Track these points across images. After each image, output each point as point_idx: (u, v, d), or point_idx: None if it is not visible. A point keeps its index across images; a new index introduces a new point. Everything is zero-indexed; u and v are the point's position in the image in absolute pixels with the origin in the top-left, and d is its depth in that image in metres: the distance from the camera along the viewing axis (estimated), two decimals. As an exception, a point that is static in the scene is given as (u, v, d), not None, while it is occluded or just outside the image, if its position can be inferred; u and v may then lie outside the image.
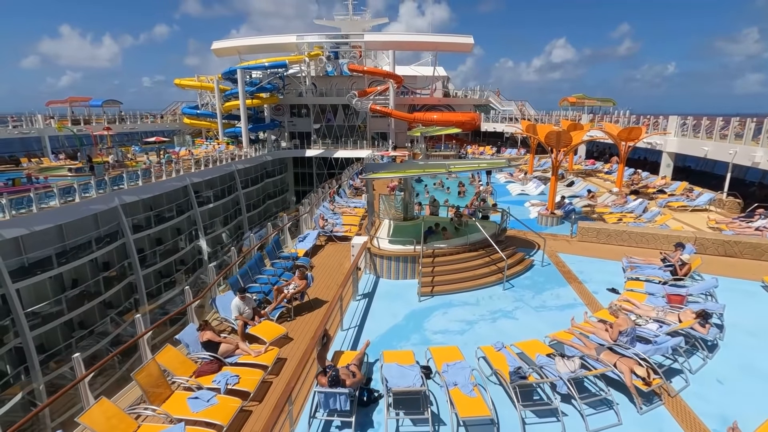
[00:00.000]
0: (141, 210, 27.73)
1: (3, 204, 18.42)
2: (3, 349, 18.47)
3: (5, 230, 18.48)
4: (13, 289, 18.62)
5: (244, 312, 8.96)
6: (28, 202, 19.73)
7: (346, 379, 6.06)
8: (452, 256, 11.50)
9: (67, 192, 21.97)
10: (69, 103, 42.76)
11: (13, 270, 19.24)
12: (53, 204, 20.90)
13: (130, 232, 25.44)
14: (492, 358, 7.31)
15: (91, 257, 23.16)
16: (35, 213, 19.73)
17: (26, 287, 19.58)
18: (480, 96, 51.20)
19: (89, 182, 23.02)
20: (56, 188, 21.09)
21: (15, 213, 19.04)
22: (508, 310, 9.78)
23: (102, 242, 24.17)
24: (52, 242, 21.40)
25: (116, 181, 25.29)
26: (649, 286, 10.20)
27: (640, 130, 20.18)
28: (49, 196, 20.97)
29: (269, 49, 47.90)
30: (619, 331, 7.61)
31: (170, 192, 30.08)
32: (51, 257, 20.87)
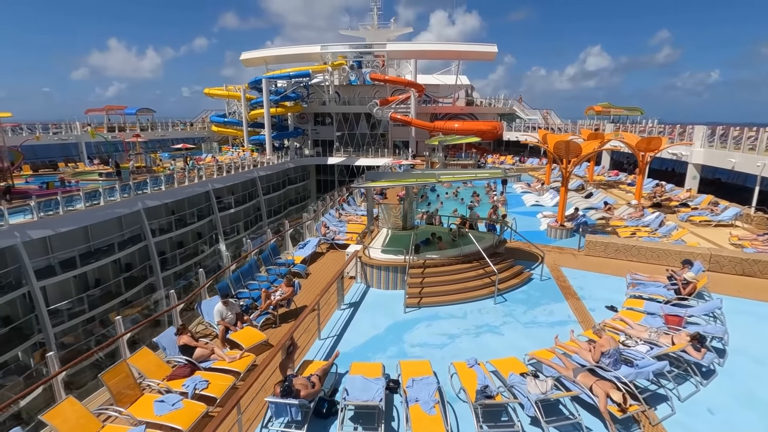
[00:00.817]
0: (163, 214, 28.71)
1: (32, 206, 19.43)
2: (27, 344, 19.40)
3: (33, 231, 19.45)
4: (38, 287, 19.53)
5: (226, 317, 9.06)
6: (56, 205, 20.74)
7: (302, 390, 5.99)
8: (444, 268, 11.27)
9: (93, 196, 22.99)
10: (106, 111, 45.08)
11: (41, 269, 20.24)
12: (79, 207, 21.86)
13: (150, 235, 26.32)
14: (462, 374, 7.06)
15: (113, 258, 24.10)
16: (61, 215, 20.67)
17: (51, 285, 20.53)
18: (504, 104, 50.48)
19: (114, 187, 24.11)
20: (82, 192, 22.09)
21: (43, 215, 20.02)
22: (495, 325, 9.46)
23: (125, 244, 25.13)
24: (78, 243, 22.42)
25: (140, 186, 26.32)
26: (648, 305, 9.64)
27: (659, 140, 19.27)
28: (76, 200, 21.97)
29: (294, 59, 49.03)
30: (601, 352, 7.21)
31: (192, 197, 31.04)
32: (75, 258, 21.85)
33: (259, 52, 49.59)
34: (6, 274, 18.95)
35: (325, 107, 50.04)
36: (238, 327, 9.12)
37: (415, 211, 14.40)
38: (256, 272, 12.06)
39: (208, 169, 33.08)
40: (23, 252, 18.81)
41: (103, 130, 42.89)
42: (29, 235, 19.25)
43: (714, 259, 12.57)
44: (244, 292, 10.70)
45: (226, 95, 47.62)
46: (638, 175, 19.99)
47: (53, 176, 29.30)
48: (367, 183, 11.62)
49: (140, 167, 33.86)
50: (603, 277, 12.35)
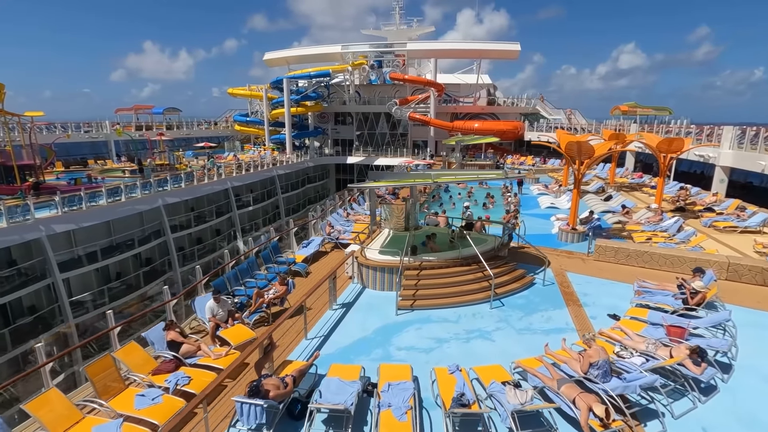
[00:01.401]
0: (183, 211, 29.44)
1: (56, 201, 20.26)
2: (48, 334, 20.26)
3: (57, 225, 20.28)
4: (60, 278, 20.34)
5: (217, 314, 9.17)
6: (79, 201, 21.56)
7: (271, 391, 5.96)
8: (440, 270, 11.07)
9: (115, 192, 23.80)
10: (134, 111, 46.70)
11: (64, 261, 21.08)
12: (102, 203, 22.64)
13: (169, 231, 27.03)
14: (441, 381, 6.88)
15: (134, 252, 24.89)
16: (84, 210, 21.46)
17: (74, 278, 21.35)
18: (527, 104, 49.41)
19: (135, 184, 24.91)
20: (104, 189, 22.90)
21: (67, 210, 20.83)
22: (488, 330, 9.20)
23: (145, 239, 25.92)
24: (101, 237, 23.26)
25: (161, 183, 27.08)
26: (652, 315, 9.16)
27: (681, 141, 18.35)
28: (99, 196, 22.78)
29: (316, 59, 49.44)
30: (589, 363, 6.89)
31: (212, 194, 31.74)
32: (97, 251, 22.67)
33: (282, 52, 50.26)
34: (31, 265, 19.84)
35: (346, 107, 50.28)
36: (229, 324, 9.20)
37: (418, 212, 14.19)
38: (255, 270, 12.16)
39: (227, 167, 33.75)
40: (47, 245, 19.62)
41: (131, 128, 44.49)
42: (53, 229, 20.04)
43: (732, 268, 11.87)
44: (240, 289, 10.82)
45: (249, 95, 48.49)
46: (659, 177, 19.11)
47: (81, 173, 30.60)
48: (362, 184, 11.51)
49: (163, 165, 34.92)
50: (610, 283, 11.86)
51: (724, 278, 11.99)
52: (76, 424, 6.32)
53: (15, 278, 19.66)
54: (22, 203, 19.49)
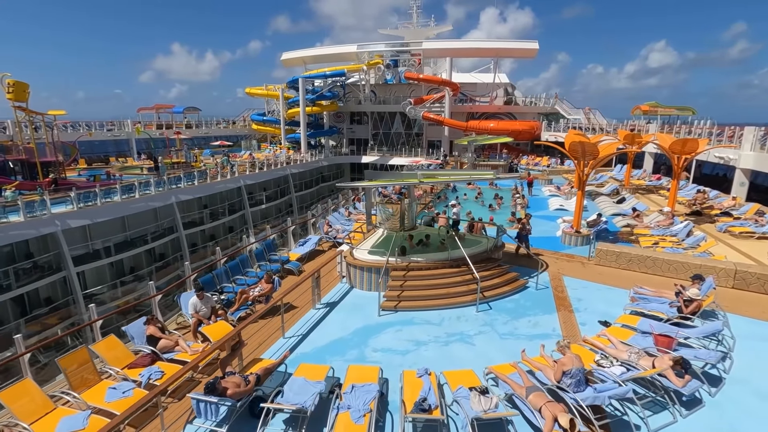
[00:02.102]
0: (195, 208, 30.04)
1: (72, 197, 20.96)
2: (61, 325, 20.98)
3: (72, 220, 20.97)
4: (74, 272, 21.02)
5: (200, 310, 9.27)
6: (94, 197, 22.24)
7: (230, 389, 5.96)
8: (428, 271, 10.90)
9: (129, 189, 24.45)
10: (156, 110, 47.98)
11: (81, 255, 21.78)
12: (116, 199, 23.28)
13: (182, 227, 27.62)
14: (408, 384, 6.75)
15: (147, 248, 25.54)
16: (99, 206, 22.11)
17: (89, 271, 22.04)
18: (546, 103, 48.37)
19: (149, 181, 25.56)
20: (119, 185, 23.55)
21: (82, 205, 21.51)
22: (470, 334, 9.00)
23: (158, 235, 26.56)
24: (115, 232, 23.95)
25: (174, 181, 27.70)
26: (642, 323, 8.77)
27: (695, 142, 17.53)
28: (113, 192, 23.44)
29: (332, 58, 49.69)
30: (562, 371, 6.63)
31: (225, 192, 32.31)
32: (111, 246, 23.34)
33: (298, 52, 50.73)
34: (47, 258, 20.59)
35: (361, 106, 50.38)
36: (212, 321, 9.29)
37: (415, 211, 14.04)
38: (247, 268, 12.27)
39: (240, 166, 34.28)
40: (62, 239, 20.28)
41: (152, 127, 45.73)
42: (68, 224, 20.72)
43: (740, 276, 11.28)
44: (228, 286, 10.92)
45: (265, 94, 49.14)
46: (673, 179, 18.35)
47: (100, 170, 31.62)
48: (351, 183, 11.44)
49: (179, 163, 35.72)
50: (608, 289, 11.43)
51: (730, 286, 11.43)
52: (46, 415, 6.48)
53: (32, 270, 20.41)
54: (39, 199, 20.21)
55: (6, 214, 18.79)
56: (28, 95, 25.68)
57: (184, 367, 6.96)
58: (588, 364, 7.30)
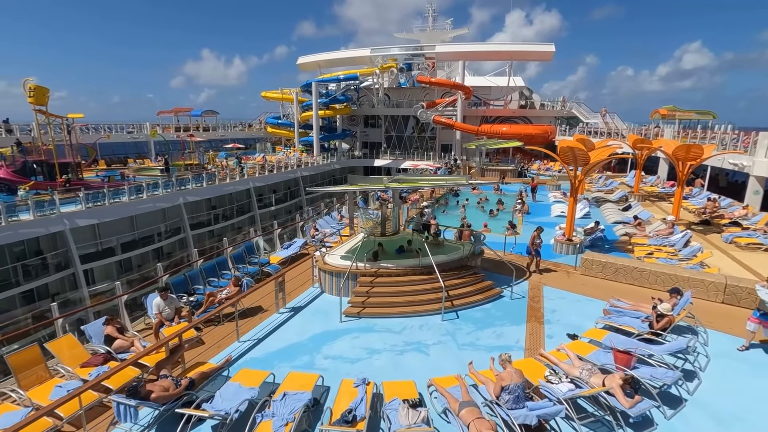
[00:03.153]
0: (204, 209, 30.69)
1: (80, 197, 21.73)
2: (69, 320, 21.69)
3: (80, 219, 21.73)
4: (81, 269, 21.75)
5: (163, 311, 9.40)
6: (102, 197, 22.98)
7: (155, 392, 5.98)
8: (398, 278, 10.74)
9: (138, 190, 25.17)
10: (175, 113, 49.36)
11: (90, 253, 22.54)
12: (124, 199, 23.99)
13: (189, 228, 28.25)
14: (342, 394, 6.63)
15: (154, 247, 26.22)
16: (107, 206, 22.84)
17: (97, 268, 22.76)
18: (563, 107, 47.19)
19: (157, 182, 26.28)
20: (127, 186, 24.28)
21: (91, 205, 22.27)
22: (428, 343, 8.79)
23: (166, 235, 27.25)
24: (124, 231, 24.70)
25: (182, 182, 28.38)
26: (608, 338, 8.36)
27: (700, 148, 16.67)
28: (122, 193, 24.17)
29: (346, 62, 50.01)
30: (501, 386, 6.38)
31: (234, 194, 32.91)
32: (118, 245, 24.06)
33: (313, 56, 51.28)
34: (55, 256, 21.37)
35: (375, 110, 50.49)
36: (175, 322, 9.41)
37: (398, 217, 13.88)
38: (224, 270, 12.38)
39: (250, 168, 34.83)
40: (70, 238, 21.02)
41: (171, 130, 47.08)
42: (76, 222, 21.47)
43: (730, 290, 10.65)
44: (200, 288, 11.03)
45: (280, 98, 49.86)
46: (677, 187, 17.53)
47: (115, 171, 32.69)
48: (319, 188, 11.40)
49: (192, 165, 36.59)
50: (588, 301, 10.98)
51: (720, 301, 10.81)
52: (-11, 411, 6.67)
53: (41, 267, 21.20)
54: (48, 198, 21.01)
55: (17, 213, 19.56)
56: (47, 99, 26.76)
57: (114, 368, 7.01)
58: (537, 380, 7.01)
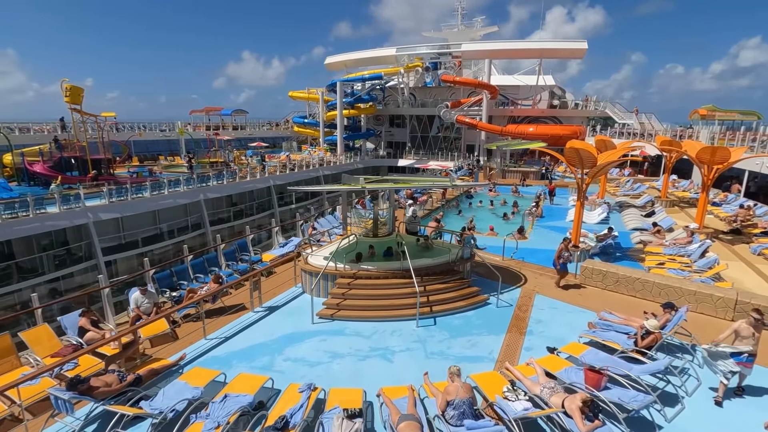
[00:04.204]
0: (224, 205, 31.50)
1: (104, 192, 22.76)
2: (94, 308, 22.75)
3: (103, 213, 22.75)
4: (103, 261, 22.75)
5: (141, 305, 9.57)
6: (125, 192, 23.96)
7: (99, 387, 6.02)
8: (377, 281, 10.45)
9: (160, 186, 26.08)
10: (206, 112, 51.00)
11: (113, 246, 23.59)
12: (146, 195, 24.90)
13: (208, 224, 29.03)
14: (285, 399, 6.45)
15: (174, 241, 27.11)
16: (128, 201, 23.79)
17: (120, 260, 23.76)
18: (596, 107, 45.14)
19: (179, 179, 27.17)
20: (149, 182, 25.22)
21: (114, 200, 23.28)
22: (395, 350, 8.46)
23: (187, 230, 28.14)
24: (146, 225, 25.69)
25: (203, 179, 29.23)
26: (586, 354, 7.76)
27: (726, 151, 15.31)
28: (144, 188, 25.11)
29: (371, 62, 49.95)
30: (446, 400, 6.00)
31: (255, 191, 33.58)
32: (138, 239, 25.03)
33: (340, 56, 51.56)
34: (79, 247, 22.47)
35: (400, 109, 50.23)
36: (152, 317, 9.55)
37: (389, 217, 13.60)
38: (213, 266, 12.52)
39: (272, 167, 35.42)
40: (93, 230, 22.02)
41: (201, 128, 48.73)
42: (99, 216, 22.48)
43: (741, 307, 9.67)
44: (184, 284, 11.18)
45: (306, 97, 50.49)
46: (702, 192, 16.22)
47: (143, 168, 34.11)
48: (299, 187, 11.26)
49: (217, 162, 37.65)
50: (579, 312, 10.29)
51: (729, 318, 9.85)
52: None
53: (66, 257, 22.31)
54: (74, 192, 22.10)
55: (44, 206, 20.65)
56: (81, 98, 28.22)
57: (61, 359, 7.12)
58: (494, 395, 6.57)
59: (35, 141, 33.21)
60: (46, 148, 29.49)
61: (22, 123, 38.12)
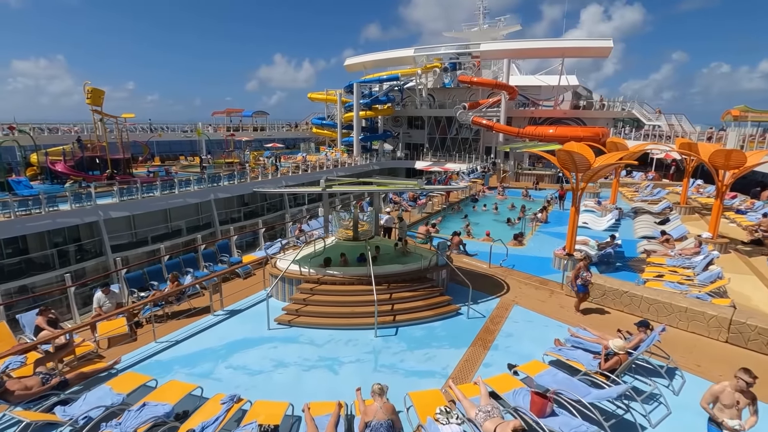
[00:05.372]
0: (235, 205, 31.96)
1: (114, 191, 23.43)
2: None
3: (114, 212, 23.42)
4: (111, 258, 23.39)
5: (104, 305, 9.59)
6: (135, 191, 24.58)
7: (17, 389, 5.94)
8: (342, 287, 10.08)
9: (171, 186, 26.65)
10: (227, 113, 52.10)
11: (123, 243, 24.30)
12: (156, 194, 25.48)
13: (218, 223, 29.49)
14: (204, 410, 6.18)
15: (184, 239, 27.66)
16: (138, 200, 24.39)
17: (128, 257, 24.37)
18: (622, 108, 43.09)
19: (189, 179, 27.71)
20: (159, 182, 25.80)
21: (125, 198, 23.92)
22: (344, 361, 8.05)
23: (196, 229, 28.68)
24: (156, 223, 26.33)
25: (214, 179, 29.72)
26: (544, 374, 7.11)
27: (742, 154, 14.00)
28: (155, 188, 25.71)
29: (390, 63, 49.64)
30: (364, 422, 5.57)
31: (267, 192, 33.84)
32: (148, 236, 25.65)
33: (359, 57, 51.52)
34: (91, 243, 23.23)
35: (418, 110, 49.68)
36: (114, 316, 9.54)
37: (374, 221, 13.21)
38: (191, 266, 12.49)
39: (284, 168, 35.67)
40: (103, 228, 22.69)
41: (222, 129, 49.79)
42: (110, 214, 23.14)
43: (736, 327, 8.72)
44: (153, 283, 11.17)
45: (325, 99, 50.71)
46: (716, 199, 14.95)
47: (160, 167, 35.07)
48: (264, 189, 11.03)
49: (233, 162, 38.28)
50: (557, 326, 9.55)
51: (723, 339, 8.91)
52: None
53: (77, 253, 23.07)
54: (86, 191, 22.83)
55: (56, 203, 21.39)
56: (102, 100, 29.24)
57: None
58: (425, 417, 6.09)
59: (62, 141, 34.72)
60: (68, 148, 30.70)
61: (51, 124, 40.01)
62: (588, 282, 10.24)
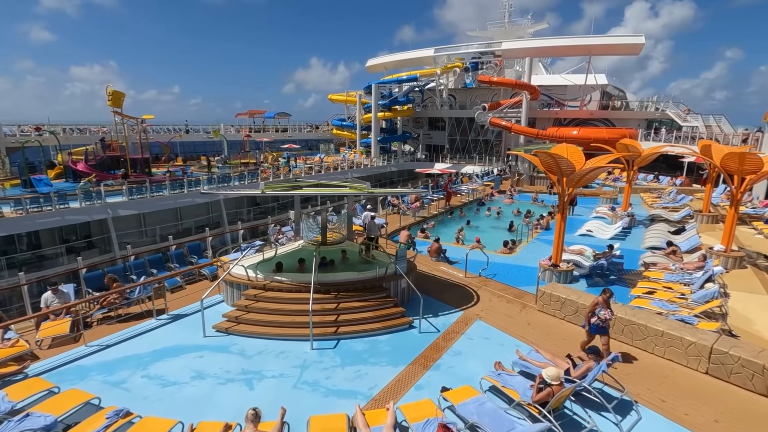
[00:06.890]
0: (245, 205, 32.28)
1: (123, 190, 24.11)
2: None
3: (122, 210, 24.08)
4: (118, 255, 23.98)
5: (51, 305, 9.55)
6: (145, 191, 25.21)
7: None
8: (289, 294, 9.58)
9: (180, 185, 27.19)
10: (249, 115, 53.10)
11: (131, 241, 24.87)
12: (165, 193, 26.04)
13: (226, 222, 29.83)
14: (85, 424, 5.84)
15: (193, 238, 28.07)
16: (147, 199, 24.99)
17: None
18: (656, 108, 40.42)
19: (199, 179, 28.22)
20: (168, 182, 26.36)
21: (135, 197, 24.57)
22: (264, 375, 7.53)
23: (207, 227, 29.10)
24: (168, 222, 26.89)
25: (225, 179, 30.16)
26: (468, 403, 6.32)
27: (758, 158, 12.35)
28: (163, 188, 26.30)
29: (411, 63, 48.97)
30: (233, 449, 5.04)
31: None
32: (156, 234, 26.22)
33: (380, 58, 51.16)
34: (101, 240, 23.96)
35: (439, 111, 48.72)
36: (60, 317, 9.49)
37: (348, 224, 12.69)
38: (156, 267, 12.39)
39: (297, 169, 35.77)
40: (111, 225, 23.35)
41: (245, 130, 50.78)
42: (118, 212, 23.80)
43: (716, 358, 7.55)
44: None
45: (344, 100, 50.65)
46: (729, 207, 13.36)
47: (178, 168, 36.00)
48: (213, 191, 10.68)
49: (248, 163, 38.80)
50: (515, 345, 8.63)
51: (703, 370, 7.76)
52: None
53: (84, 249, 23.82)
54: (96, 189, 23.58)
55: (67, 201, 22.18)
56: (122, 101, 30.30)
57: None
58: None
59: (88, 141, 36.38)
60: (91, 148, 31.99)
61: (82, 125, 42.06)
62: (605, 323, 7.79)
